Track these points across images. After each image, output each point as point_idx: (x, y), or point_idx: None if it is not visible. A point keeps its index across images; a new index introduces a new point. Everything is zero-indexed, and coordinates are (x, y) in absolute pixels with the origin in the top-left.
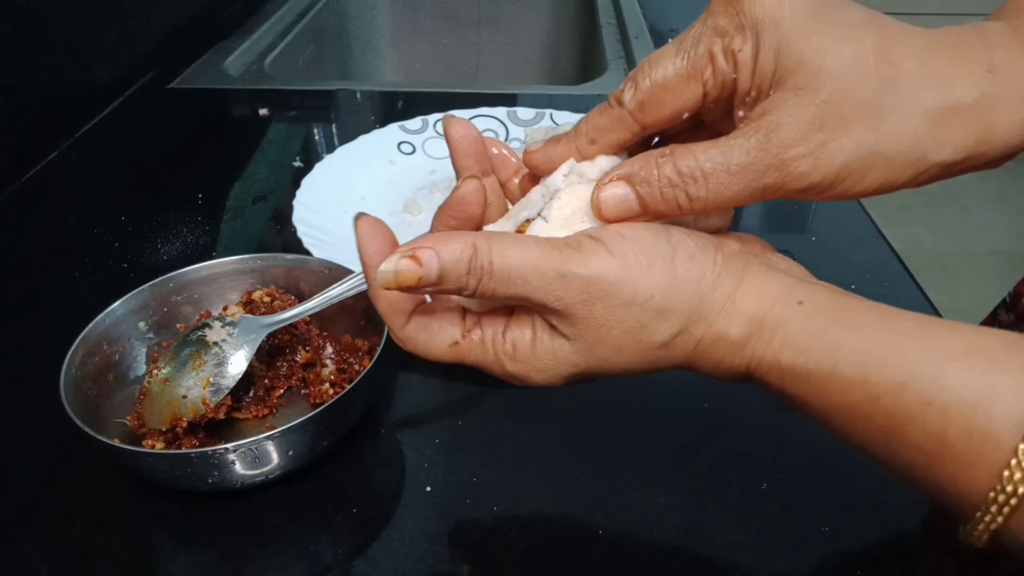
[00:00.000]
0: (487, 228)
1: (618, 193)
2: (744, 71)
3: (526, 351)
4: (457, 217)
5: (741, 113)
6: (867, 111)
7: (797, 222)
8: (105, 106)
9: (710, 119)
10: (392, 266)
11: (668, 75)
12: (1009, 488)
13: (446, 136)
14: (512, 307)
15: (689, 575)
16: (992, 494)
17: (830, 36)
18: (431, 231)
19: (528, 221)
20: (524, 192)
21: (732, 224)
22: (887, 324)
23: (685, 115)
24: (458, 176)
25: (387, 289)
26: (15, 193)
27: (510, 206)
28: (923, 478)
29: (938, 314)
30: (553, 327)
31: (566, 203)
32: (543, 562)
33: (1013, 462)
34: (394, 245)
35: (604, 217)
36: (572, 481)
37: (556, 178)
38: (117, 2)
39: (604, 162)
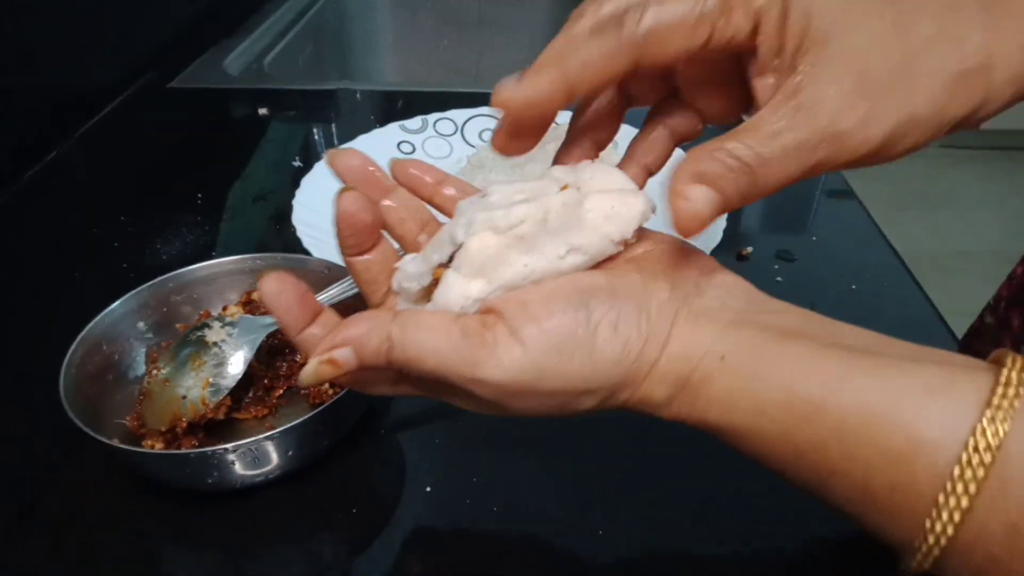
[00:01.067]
0: (401, 274)
1: (702, 195)
2: (769, 32)
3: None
4: (353, 235)
5: (772, 80)
6: (901, 77)
7: (797, 222)
8: (105, 106)
9: (687, 81)
10: (311, 370)
11: (683, 12)
12: (931, 539)
13: (334, 170)
14: None
15: (689, 575)
16: (916, 543)
17: (853, 6)
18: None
19: (442, 267)
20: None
21: (729, 224)
22: (809, 375)
23: (679, 63)
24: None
25: (309, 383)
26: (15, 193)
27: (444, 219)
28: (854, 520)
29: (938, 314)
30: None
31: (475, 253)
32: (543, 562)
33: (933, 512)
34: (303, 296)
35: (701, 224)
36: (572, 481)
37: (457, 231)
38: (117, 2)
39: (518, 210)
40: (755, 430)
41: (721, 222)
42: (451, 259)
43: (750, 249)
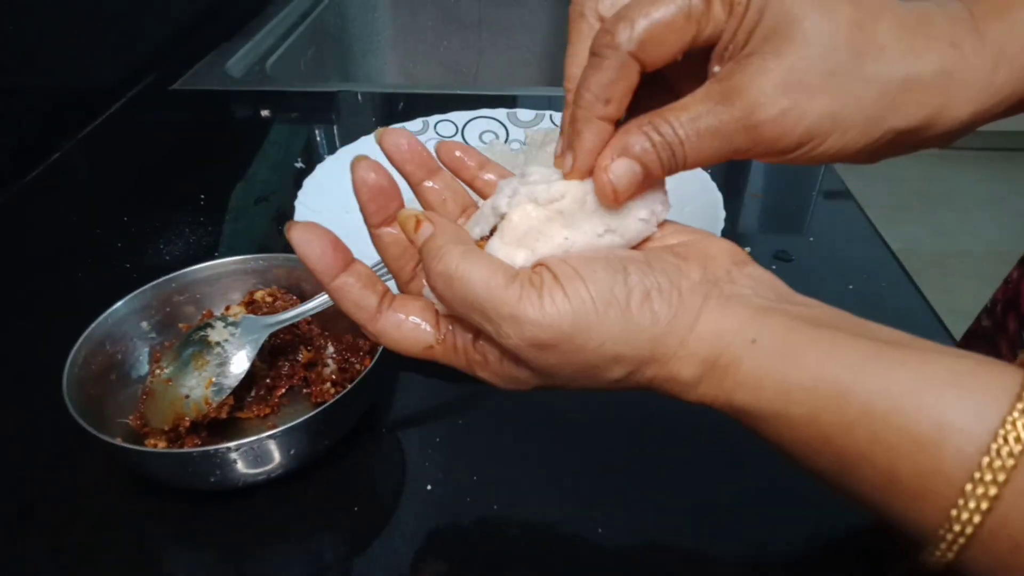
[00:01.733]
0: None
1: (624, 167)
2: (732, 21)
3: (495, 363)
4: (372, 199)
5: (716, 69)
6: (831, 79)
7: (795, 222)
8: (107, 107)
9: (673, 73)
10: (408, 214)
11: (672, 12)
12: (957, 527)
13: (382, 148)
14: None
15: (689, 575)
16: (941, 531)
17: (811, 2)
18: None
19: (484, 239)
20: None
21: (727, 225)
22: (838, 360)
23: (679, 56)
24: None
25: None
26: (18, 193)
27: (480, 202)
28: (876, 510)
29: (935, 314)
30: (511, 356)
31: (518, 223)
32: (543, 562)
33: (960, 501)
34: (335, 244)
35: (618, 195)
36: (572, 480)
37: (501, 200)
38: (119, 4)
39: (559, 185)
40: (781, 413)
41: (718, 222)
42: (491, 233)
43: (748, 250)
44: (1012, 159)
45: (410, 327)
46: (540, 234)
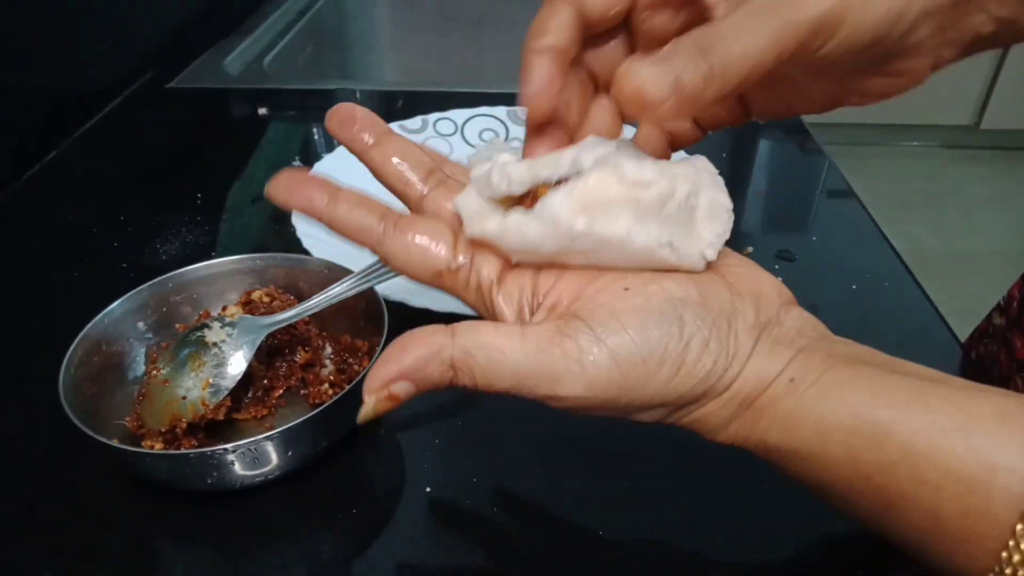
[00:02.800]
0: (498, 168)
1: (654, 72)
2: None
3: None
4: (342, 127)
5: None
6: None
7: (798, 221)
8: (104, 106)
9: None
10: (371, 409)
11: None
12: (1008, 571)
13: (329, 129)
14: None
15: (689, 575)
16: (991, 574)
17: None
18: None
19: (546, 186)
20: None
21: (734, 236)
22: (878, 398)
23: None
24: None
25: (366, 421)
26: (14, 193)
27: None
28: (920, 552)
29: (939, 314)
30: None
31: (594, 188)
32: (543, 562)
33: (1011, 543)
34: (314, 182)
35: (647, 106)
36: (572, 481)
37: (586, 157)
38: (116, 2)
39: (649, 172)
40: (818, 452)
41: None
42: (553, 187)
43: (751, 249)
44: (1017, 158)
45: (418, 249)
46: (607, 211)
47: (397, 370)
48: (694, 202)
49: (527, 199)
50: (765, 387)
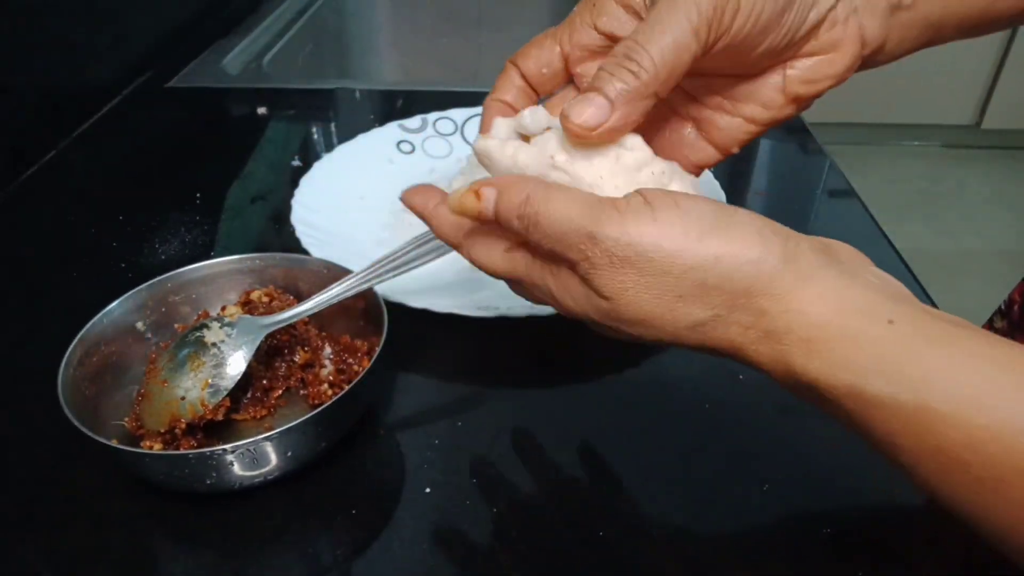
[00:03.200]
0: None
1: (592, 103)
2: None
3: (565, 280)
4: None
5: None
6: None
7: (798, 222)
8: (103, 105)
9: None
10: (458, 197)
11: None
12: None
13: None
14: None
15: (689, 575)
16: None
17: None
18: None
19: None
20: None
21: None
22: (1000, 357)
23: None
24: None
25: (452, 210)
26: (13, 193)
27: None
28: (985, 520)
29: None
30: (587, 280)
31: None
32: (543, 563)
33: None
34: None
35: (595, 134)
36: (572, 482)
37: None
38: (115, 1)
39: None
40: (923, 408)
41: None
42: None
43: None
44: (1017, 158)
45: (492, 239)
46: (589, 158)
47: (493, 181)
48: (666, 181)
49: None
50: (853, 317)
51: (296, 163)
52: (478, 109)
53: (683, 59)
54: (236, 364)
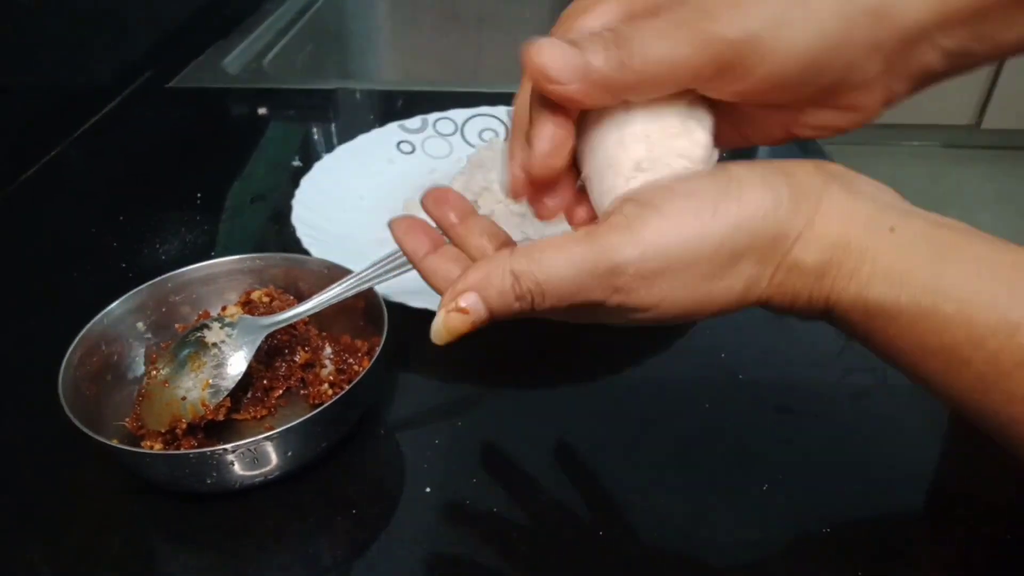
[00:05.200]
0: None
1: (567, 55)
2: None
3: (595, 311)
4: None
5: None
6: None
7: None
8: (103, 105)
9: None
10: (441, 323)
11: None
12: None
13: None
14: None
15: (689, 575)
16: None
17: None
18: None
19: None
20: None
21: None
22: (998, 257)
23: None
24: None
25: (443, 343)
26: (13, 192)
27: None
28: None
29: None
30: (621, 307)
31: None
32: (543, 563)
33: None
34: (429, 233)
35: (550, 81)
36: (572, 482)
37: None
38: (115, 1)
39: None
40: (927, 311)
41: None
42: None
43: None
44: (1017, 158)
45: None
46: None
47: (462, 284)
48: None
49: None
50: (858, 229)
51: (296, 163)
52: (478, 109)
53: (671, 80)
54: (237, 364)
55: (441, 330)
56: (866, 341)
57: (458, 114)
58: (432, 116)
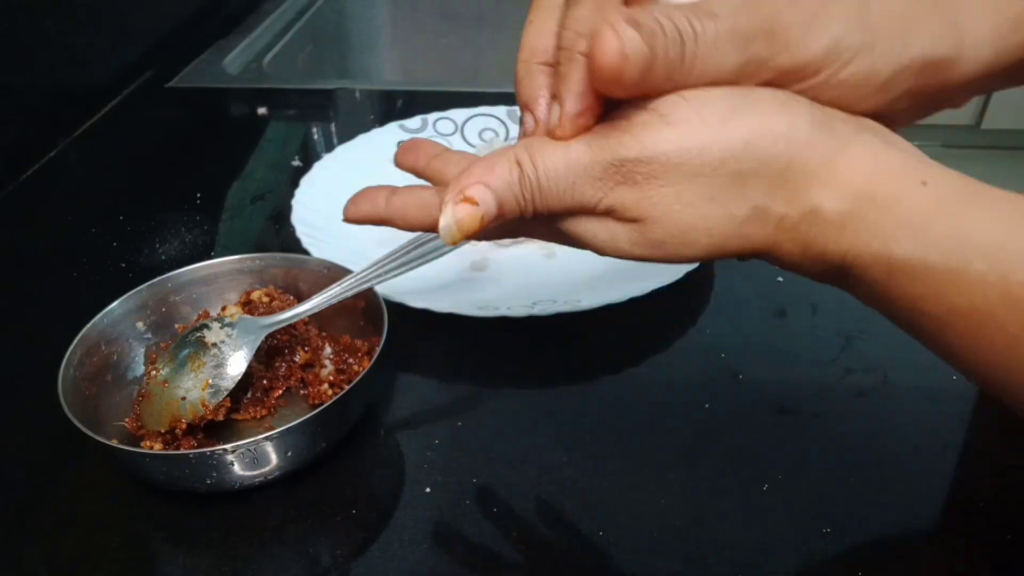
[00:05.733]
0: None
1: (633, 39)
2: None
3: (582, 223)
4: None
5: None
6: None
7: None
8: (103, 105)
9: None
10: (451, 218)
11: None
12: None
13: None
14: None
15: (689, 575)
16: None
17: None
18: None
19: None
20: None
21: None
22: None
23: None
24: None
25: (455, 243)
26: (13, 193)
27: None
28: None
29: None
30: (609, 213)
31: None
32: (543, 563)
33: None
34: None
35: (612, 62)
36: (572, 481)
37: None
38: (115, 1)
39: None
40: (958, 268)
41: None
42: None
43: None
44: (1017, 158)
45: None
46: None
47: (468, 177)
48: None
49: None
50: (887, 180)
51: (296, 163)
52: (478, 109)
53: (718, 70)
54: (236, 364)
55: (452, 226)
56: (885, 303)
57: (458, 114)
58: (432, 116)
